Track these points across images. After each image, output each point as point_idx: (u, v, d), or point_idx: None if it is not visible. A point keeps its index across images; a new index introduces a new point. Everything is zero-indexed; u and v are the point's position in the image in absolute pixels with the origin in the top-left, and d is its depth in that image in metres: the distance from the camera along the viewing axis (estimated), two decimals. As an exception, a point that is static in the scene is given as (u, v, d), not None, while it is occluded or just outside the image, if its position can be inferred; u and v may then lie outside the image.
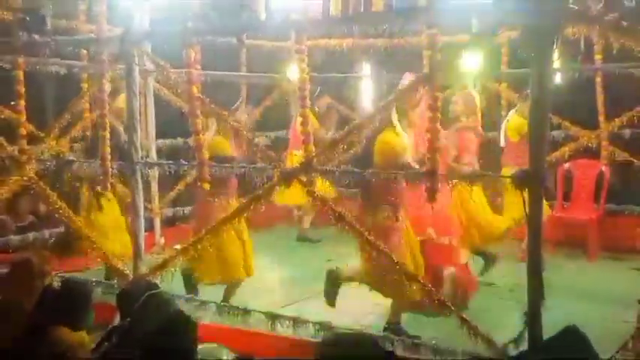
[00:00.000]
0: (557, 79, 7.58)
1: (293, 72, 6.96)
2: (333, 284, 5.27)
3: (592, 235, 7.44)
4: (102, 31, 5.70)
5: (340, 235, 4.90)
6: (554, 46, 3.98)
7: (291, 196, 6.06)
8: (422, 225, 5.36)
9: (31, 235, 7.24)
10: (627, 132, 7.71)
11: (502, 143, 7.15)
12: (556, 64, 7.22)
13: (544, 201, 4.22)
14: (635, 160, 7.76)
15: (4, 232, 7.38)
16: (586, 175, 7.84)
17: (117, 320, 4.02)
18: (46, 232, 7.28)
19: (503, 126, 7.20)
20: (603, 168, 7.73)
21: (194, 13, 5.68)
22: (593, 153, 7.82)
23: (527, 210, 3.91)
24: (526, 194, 3.92)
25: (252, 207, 5.13)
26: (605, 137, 7.73)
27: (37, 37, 5.74)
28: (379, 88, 8.48)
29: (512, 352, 4.02)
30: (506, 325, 4.19)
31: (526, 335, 3.96)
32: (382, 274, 4.83)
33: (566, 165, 7.84)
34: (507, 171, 6.63)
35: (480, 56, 7.30)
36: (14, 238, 7.15)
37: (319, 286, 5.40)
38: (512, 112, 7.30)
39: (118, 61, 5.75)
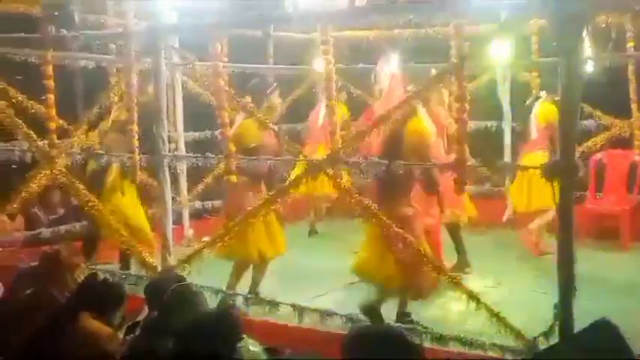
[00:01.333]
0: (589, 67, 7.45)
1: (319, 63, 6.91)
2: (373, 317, 5.02)
3: (625, 226, 7.32)
4: (129, 25, 5.73)
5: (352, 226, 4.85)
6: (585, 34, 3.91)
7: (315, 186, 6.03)
8: None
9: (62, 228, 7.33)
10: (660, 121, 7.57)
11: (533, 135, 7.06)
12: (587, 52, 7.13)
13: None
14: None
15: (36, 225, 7.49)
16: (619, 165, 7.70)
17: (145, 312, 4.04)
18: (77, 225, 7.36)
19: (532, 116, 7.11)
20: (636, 158, 7.58)
21: (221, 6, 5.71)
22: (625, 143, 7.69)
23: (557, 201, 3.85)
24: (556, 185, 3.87)
25: (279, 199, 5.15)
26: (638, 127, 7.58)
27: (65, 31, 5.79)
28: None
29: (543, 345, 3.97)
30: (537, 318, 4.13)
31: (557, 328, 3.92)
32: (405, 266, 4.78)
33: (599, 155, 7.72)
34: (531, 158, 6.61)
35: (510, 45, 7.26)
36: (45, 231, 7.25)
37: (346, 277, 5.38)
38: (539, 101, 7.20)
39: (146, 54, 5.77)
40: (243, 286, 5.67)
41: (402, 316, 5.02)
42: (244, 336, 3.30)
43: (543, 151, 6.70)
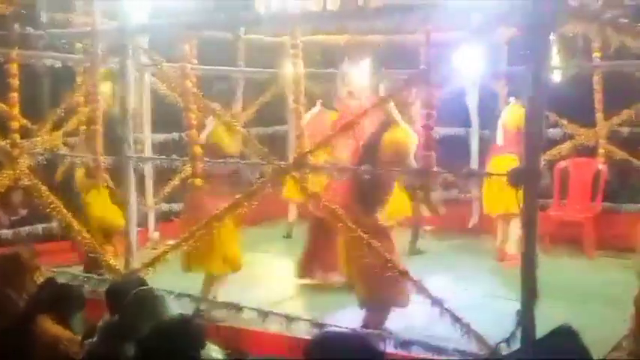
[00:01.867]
0: (555, 76, 7.55)
1: (289, 67, 6.90)
2: None
3: (588, 233, 7.41)
4: (96, 24, 5.66)
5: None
6: (552, 44, 3.95)
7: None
8: None
9: (23, 230, 7.21)
10: (625, 130, 7.68)
11: (499, 141, 7.13)
12: (554, 61, 7.22)
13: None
14: (632, 159, 7.73)
15: (-3, 227, 7.35)
16: (583, 173, 7.80)
17: (106, 316, 3.97)
18: (39, 227, 7.24)
19: (499, 121, 7.19)
20: (600, 166, 7.69)
21: (191, 7, 5.66)
22: (590, 151, 7.80)
23: (521, 207, 3.88)
24: (520, 191, 3.89)
25: (245, 203, 5.11)
26: (603, 135, 7.70)
27: (30, 29, 5.70)
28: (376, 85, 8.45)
29: (505, 351, 3.98)
30: (501, 324, 4.14)
31: (519, 334, 3.94)
32: (372, 275, 4.75)
33: (563, 163, 7.81)
34: (499, 161, 6.67)
35: (479, 53, 7.32)
36: (6, 232, 7.12)
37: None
38: (507, 107, 7.28)
39: (113, 54, 5.70)
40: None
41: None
42: (207, 343, 3.26)
43: (512, 155, 6.72)
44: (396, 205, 6.21)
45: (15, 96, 5.91)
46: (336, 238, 5.35)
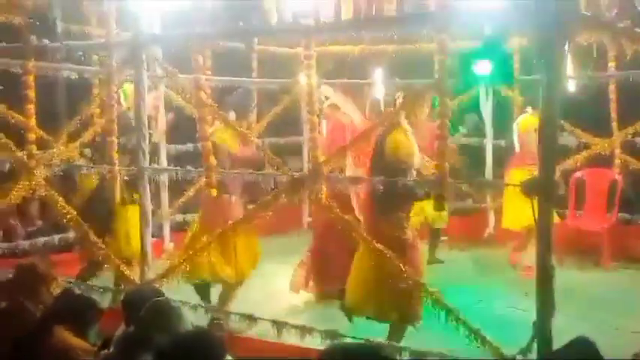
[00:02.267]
0: (570, 86, 7.51)
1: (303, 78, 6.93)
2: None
3: (605, 244, 7.35)
4: (110, 36, 5.70)
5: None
6: (566, 53, 3.94)
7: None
8: None
9: (40, 241, 7.25)
10: (640, 140, 7.64)
11: (517, 148, 7.13)
12: (569, 70, 7.19)
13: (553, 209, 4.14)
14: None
15: (14, 238, 7.39)
16: (599, 183, 7.75)
17: (122, 327, 3.98)
18: (56, 237, 7.28)
19: (514, 129, 7.18)
20: (616, 176, 7.64)
21: (204, 18, 5.69)
22: (606, 161, 7.74)
23: (536, 218, 3.86)
24: (536, 202, 3.88)
25: (260, 213, 5.13)
26: (618, 145, 7.65)
27: (47, 41, 5.75)
28: (391, 94, 8.47)
29: (522, 362, 3.96)
30: (517, 336, 4.12)
31: (535, 346, 3.91)
32: (395, 291, 4.69)
33: (579, 173, 7.76)
34: (516, 173, 6.64)
35: (491, 63, 7.29)
36: (23, 243, 7.16)
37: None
38: (522, 116, 7.27)
39: (128, 66, 5.73)
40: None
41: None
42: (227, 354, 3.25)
43: (531, 167, 6.70)
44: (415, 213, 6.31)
45: (31, 107, 5.95)
46: (336, 251, 5.51)
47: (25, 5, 5.85)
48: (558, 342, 3.64)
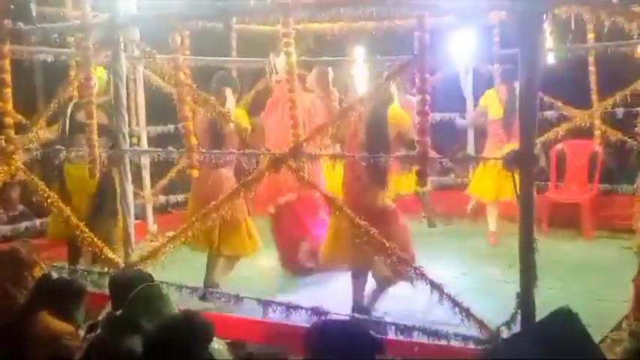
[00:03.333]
0: (549, 58, 7.52)
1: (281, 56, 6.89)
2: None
3: (586, 215, 7.43)
4: (86, 17, 5.62)
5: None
6: (544, 26, 3.94)
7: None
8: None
9: (22, 225, 7.21)
10: (620, 111, 7.66)
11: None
12: (548, 43, 7.20)
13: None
14: (628, 139, 7.72)
15: (-6, 223, 7.33)
16: (579, 155, 7.82)
17: (108, 309, 3.97)
18: (37, 222, 7.23)
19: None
20: (597, 148, 7.70)
21: (182, -2, 5.61)
22: (586, 133, 7.79)
23: (518, 191, 3.89)
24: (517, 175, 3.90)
25: (242, 193, 5.12)
26: (598, 117, 7.69)
27: (21, 24, 5.65)
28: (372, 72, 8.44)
29: (505, 334, 4.00)
30: (501, 308, 4.16)
31: (519, 317, 3.95)
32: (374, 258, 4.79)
33: (560, 145, 7.81)
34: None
35: (471, 38, 7.31)
36: (5, 228, 7.11)
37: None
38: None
39: (105, 47, 5.66)
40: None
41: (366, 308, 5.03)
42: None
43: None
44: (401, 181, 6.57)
45: (8, 92, 5.86)
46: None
47: (-1, -11, 5.75)
48: (541, 313, 3.69)
